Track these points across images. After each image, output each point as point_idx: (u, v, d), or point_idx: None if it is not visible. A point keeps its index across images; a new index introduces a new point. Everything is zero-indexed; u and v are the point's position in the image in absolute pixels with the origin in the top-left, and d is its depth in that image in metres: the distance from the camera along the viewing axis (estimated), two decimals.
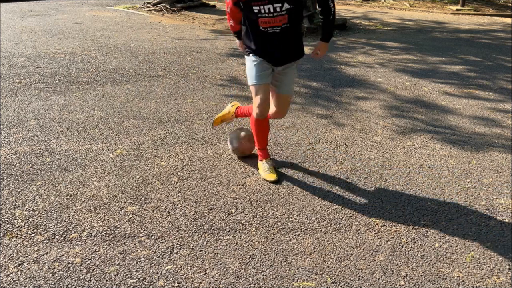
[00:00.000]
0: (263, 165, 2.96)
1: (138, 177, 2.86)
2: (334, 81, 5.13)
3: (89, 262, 2.10)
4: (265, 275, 2.07)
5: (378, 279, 2.08)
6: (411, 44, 7.48)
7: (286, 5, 2.50)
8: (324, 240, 2.34)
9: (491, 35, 8.75)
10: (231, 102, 3.32)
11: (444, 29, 9.21)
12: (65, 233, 2.29)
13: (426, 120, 4.08)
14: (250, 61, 2.72)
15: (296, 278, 2.06)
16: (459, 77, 5.54)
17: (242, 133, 3.09)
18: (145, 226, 2.38)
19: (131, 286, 1.97)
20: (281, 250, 2.25)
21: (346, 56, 6.41)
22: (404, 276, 2.10)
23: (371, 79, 5.28)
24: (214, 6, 10.61)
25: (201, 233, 2.35)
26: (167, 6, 9.81)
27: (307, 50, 6.66)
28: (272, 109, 2.89)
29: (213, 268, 2.10)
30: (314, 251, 2.25)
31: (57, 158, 3.04)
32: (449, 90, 5.01)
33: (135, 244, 2.23)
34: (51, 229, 2.31)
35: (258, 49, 2.68)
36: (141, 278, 2.01)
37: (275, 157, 3.20)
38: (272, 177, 2.88)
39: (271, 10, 2.51)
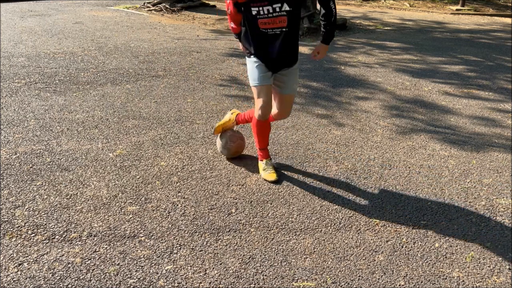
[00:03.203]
0: (263, 165, 2.96)
1: (138, 177, 2.86)
2: (334, 81, 5.13)
3: (89, 262, 2.10)
4: (265, 275, 2.07)
5: (378, 279, 2.08)
6: (411, 44, 7.48)
7: (286, 6, 2.50)
8: (324, 240, 2.34)
9: (491, 35, 8.75)
10: (230, 110, 3.27)
11: (444, 29, 9.21)
12: (65, 233, 2.29)
13: (426, 120, 4.08)
14: (251, 63, 2.70)
15: (296, 278, 2.06)
16: (459, 77, 5.54)
17: (229, 133, 3.11)
18: (145, 226, 2.38)
19: (131, 286, 1.97)
20: (281, 250, 2.25)
21: (346, 56, 6.41)
22: (404, 276, 2.10)
23: (371, 79, 5.28)
24: (214, 6, 10.61)
25: (201, 233, 2.35)
26: (167, 6, 9.81)
27: (307, 50, 6.66)
28: (275, 110, 2.87)
29: (213, 268, 2.10)
30: (314, 251, 2.25)
31: (57, 158, 3.04)
32: (449, 90, 5.01)
33: (135, 244, 2.23)
34: (51, 229, 2.31)
35: (256, 52, 2.67)
36: (141, 278, 2.01)
37: (275, 157, 3.20)
38: (272, 177, 2.88)
39: (270, 11, 2.51)
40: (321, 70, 5.58)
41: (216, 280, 2.02)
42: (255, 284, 2.02)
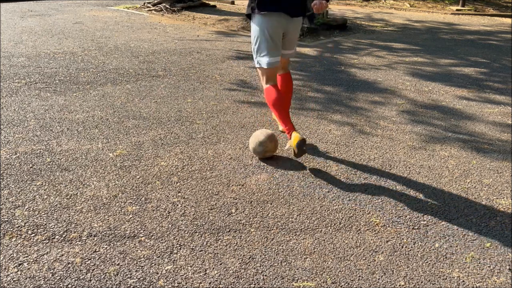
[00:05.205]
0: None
1: (138, 177, 2.86)
2: (334, 81, 5.13)
3: (89, 262, 2.10)
4: (265, 275, 2.07)
5: (378, 279, 2.08)
6: (411, 44, 7.48)
7: None
8: (324, 240, 2.34)
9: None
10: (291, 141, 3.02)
11: (449, 30, 9.21)
12: (65, 233, 2.29)
13: (427, 120, 4.08)
14: (262, 29, 2.79)
15: (296, 278, 2.06)
16: (460, 77, 5.54)
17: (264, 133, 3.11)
18: (145, 226, 2.38)
19: (131, 286, 1.97)
20: (281, 250, 2.25)
21: (347, 57, 6.41)
22: (404, 276, 2.10)
23: (371, 79, 5.28)
24: (214, 6, 10.60)
25: (201, 233, 2.35)
26: (167, 6, 9.81)
27: (308, 50, 6.66)
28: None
29: (213, 268, 2.10)
30: (314, 251, 2.25)
31: (57, 158, 3.04)
32: (449, 90, 5.01)
33: (135, 244, 2.23)
34: (51, 229, 2.31)
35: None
36: (141, 278, 2.01)
37: (275, 157, 3.20)
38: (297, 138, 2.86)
39: None
40: (322, 70, 5.58)
41: (216, 280, 2.02)
42: (255, 284, 2.02)
